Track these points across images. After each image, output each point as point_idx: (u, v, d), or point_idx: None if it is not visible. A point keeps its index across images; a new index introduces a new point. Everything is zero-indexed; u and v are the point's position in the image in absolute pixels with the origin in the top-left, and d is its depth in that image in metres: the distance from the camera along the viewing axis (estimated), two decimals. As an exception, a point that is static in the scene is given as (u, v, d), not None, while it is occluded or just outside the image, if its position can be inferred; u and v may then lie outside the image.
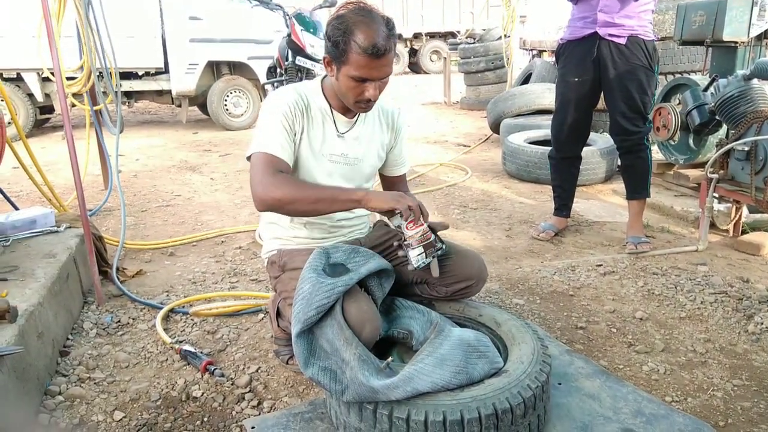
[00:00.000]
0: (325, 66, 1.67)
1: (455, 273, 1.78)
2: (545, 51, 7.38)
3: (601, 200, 3.97)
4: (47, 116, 7.19)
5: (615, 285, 2.61)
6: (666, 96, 3.85)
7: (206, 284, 2.68)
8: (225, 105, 7.14)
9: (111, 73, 3.50)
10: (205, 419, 1.71)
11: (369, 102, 1.66)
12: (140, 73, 6.90)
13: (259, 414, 1.71)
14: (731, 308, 2.34)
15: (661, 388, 1.84)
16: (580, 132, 3.13)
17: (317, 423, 1.55)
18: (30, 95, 6.47)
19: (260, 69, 7.02)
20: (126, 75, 6.67)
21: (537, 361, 1.48)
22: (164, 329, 2.20)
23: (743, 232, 3.15)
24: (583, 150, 3.28)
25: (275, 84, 6.11)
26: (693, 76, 3.95)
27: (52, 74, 3.72)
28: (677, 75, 5.22)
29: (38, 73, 6.28)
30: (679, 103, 3.61)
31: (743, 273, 2.69)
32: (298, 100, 1.70)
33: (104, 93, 3.80)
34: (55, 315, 2.04)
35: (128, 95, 7.01)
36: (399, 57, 15.40)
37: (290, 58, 5.78)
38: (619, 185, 3.19)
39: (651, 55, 2.84)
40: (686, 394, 1.81)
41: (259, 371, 1.95)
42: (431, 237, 1.63)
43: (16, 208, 2.80)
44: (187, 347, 2.03)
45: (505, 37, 7.81)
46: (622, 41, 2.80)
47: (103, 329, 2.24)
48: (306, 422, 1.56)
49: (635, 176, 3.04)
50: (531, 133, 4.83)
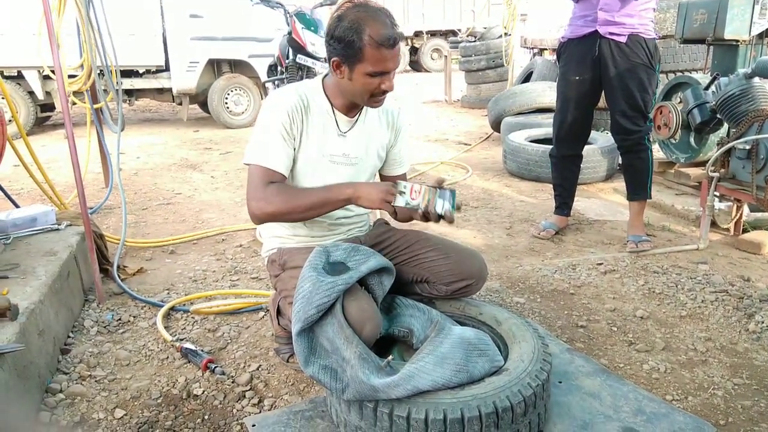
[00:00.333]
0: (334, 69, 1.65)
1: (456, 271, 1.78)
2: (546, 49, 7.36)
3: (602, 199, 3.97)
4: (48, 114, 7.18)
5: (616, 283, 2.61)
6: (667, 94, 3.85)
7: (207, 282, 2.68)
8: (226, 103, 7.13)
9: (111, 71, 3.50)
10: (206, 417, 1.71)
11: (384, 94, 1.67)
12: (141, 71, 6.90)
13: (260, 412, 1.71)
14: (732, 307, 2.34)
15: (662, 387, 1.84)
16: (581, 131, 3.13)
17: (318, 421, 1.56)
18: (31, 93, 6.47)
19: (261, 67, 7.01)
20: (127, 73, 6.67)
21: (537, 360, 1.48)
22: (165, 327, 2.21)
23: (744, 231, 3.15)
24: (584, 148, 3.28)
25: (276, 82, 6.10)
26: (694, 75, 3.95)
27: (53, 72, 3.72)
28: (678, 73, 5.21)
29: (39, 71, 6.28)
30: (680, 102, 3.61)
31: (744, 272, 2.69)
32: (298, 102, 1.70)
33: (105, 91, 3.80)
34: (56, 313, 2.04)
35: (129, 93, 7.01)
36: (400, 55, 15.40)
37: (291, 56, 5.77)
38: (620, 184, 3.20)
39: (652, 54, 2.83)
40: (687, 393, 1.81)
41: (260, 369, 1.95)
42: (435, 186, 1.58)
43: (17, 206, 2.80)
44: (188, 345, 2.03)
45: (506, 36, 7.81)
46: (623, 40, 2.79)
47: (104, 327, 2.24)
48: (306, 420, 1.56)
49: (635, 177, 3.03)
50: (532, 132, 4.83)
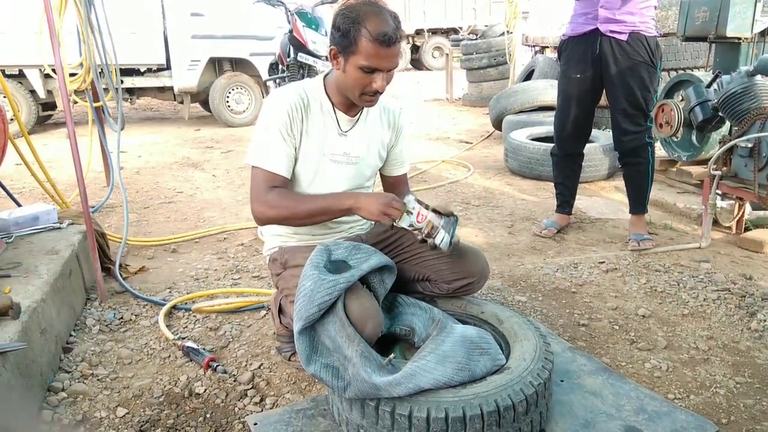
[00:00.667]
0: (331, 59, 1.65)
1: (457, 270, 1.78)
2: (548, 47, 7.33)
3: (604, 197, 3.97)
4: (49, 113, 7.19)
5: (617, 282, 2.61)
6: (669, 92, 3.84)
7: (209, 281, 2.68)
8: (227, 101, 7.13)
9: (112, 70, 3.50)
10: (208, 416, 1.71)
11: (376, 94, 1.65)
12: (142, 70, 6.89)
13: (262, 410, 1.72)
14: (734, 305, 2.34)
15: (664, 386, 1.84)
16: (582, 129, 3.12)
17: (319, 419, 1.56)
18: (32, 92, 6.47)
19: (262, 65, 7.01)
20: (128, 71, 6.66)
21: (539, 358, 1.48)
22: (167, 326, 2.21)
23: (746, 229, 3.14)
24: (586, 147, 3.27)
25: (277, 80, 6.09)
26: (696, 73, 3.94)
27: (54, 71, 3.72)
28: (680, 71, 5.20)
29: (40, 70, 6.28)
30: (682, 100, 3.60)
31: (746, 270, 2.68)
32: (298, 101, 1.69)
33: (105, 90, 3.80)
34: (58, 311, 2.04)
35: (130, 92, 7.01)
36: (401, 53, 15.38)
37: (292, 55, 5.76)
38: (622, 182, 3.18)
39: (653, 52, 2.82)
40: (689, 392, 1.81)
41: (262, 368, 1.95)
42: (441, 218, 1.64)
43: (19, 205, 2.80)
44: (190, 344, 2.03)
45: (508, 34, 7.79)
46: (624, 37, 2.79)
47: (106, 326, 2.24)
48: (308, 419, 1.56)
49: (636, 188, 3.03)
50: (533, 130, 4.82)
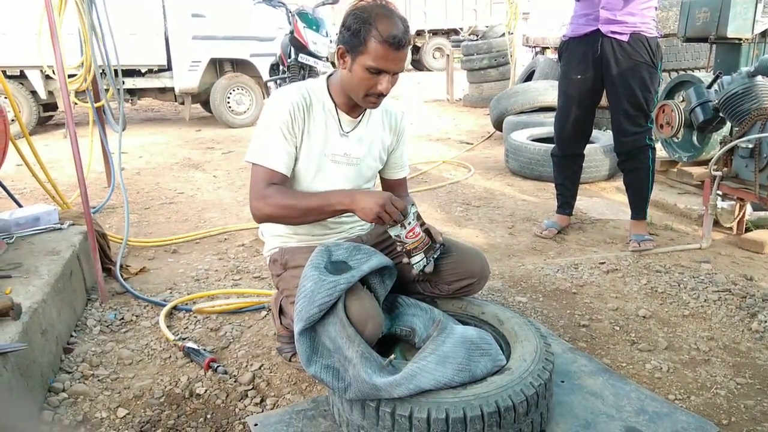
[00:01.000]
0: (338, 57, 1.65)
1: (457, 271, 1.78)
2: (548, 48, 7.33)
3: (604, 198, 3.97)
4: (50, 113, 7.20)
5: (618, 283, 2.60)
6: (670, 93, 3.84)
7: (209, 282, 2.68)
8: (228, 102, 7.13)
9: (113, 71, 3.50)
10: (209, 416, 1.71)
11: (380, 96, 1.65)
12: (143, 71, 6.90)
13: (262, 411, 1.72)
14: (735, 306, 2.34)
15: (664, 386, 1.84)
16: (583, 129, 3.12)
17: (320, 420, 1.56)
18: (33, 92, 6.48)
19: (263, 66, 7.01)
20: (129, 72, 6.66)
21: (540, 359, 1.48)
22: (167, 326, 2.21)
23: (747, 230, 3.14)
24: (587, 147, 3.27)
25: (278, 81, 6.10)
26: (697, 73, 3.94)
27: (54, 72, 3.72)
28: (681, 72, 5.20)
29: (41, 71, 6.28)
30: (683, 101, 3.60)
31: (747, 271, 2.68)
32: (300, 101, 1.70)
33: (106, 90, 3.80)
34: (59, 312, 2.05)
35: (131, 93, 7.01)
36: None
37: (293, 56, 5.77)
38: (623, 183, 3.18)
39: (654, 52, 2.82)
40: (689, 392, 1.80)
41: (262, 368, 1.95)
42: (429, 242, 1.68)
43: (20, 206, 2.81)
44: (191, 344, 2.03)
45: (508, 34, 7.79)
46: (625, 38, 2.79)
47: (107, 326, 2.25)
48: (309, 419, 1.56)
49: (636, 193, 3.03)
50: (534, 131, 4.82)
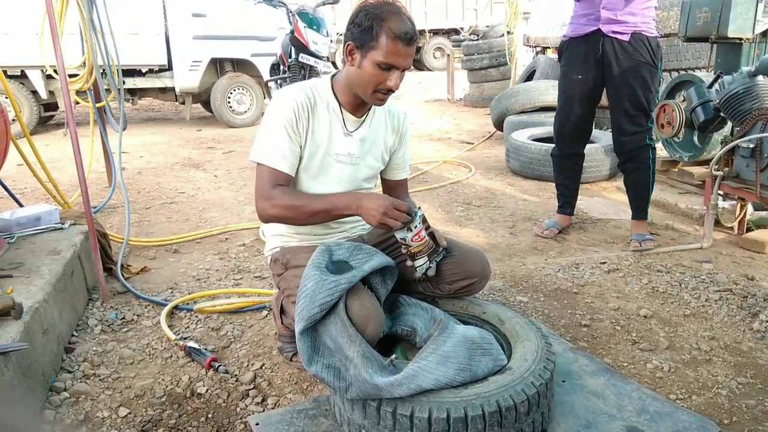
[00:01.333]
0: (346, 55, 1.65)
1: (458, 270, 1.78)
2: (549, 48, 7.32)
3: (605, 197, 3.96)
4: (51, 113, 7.20)
5: (619, 282, 2.60)
6: (670, 93, 3.83)
7: (210, 281, 2.68)
8: (228, 102, 7.14)
9: (113, 70, 3.50)
10: (210, 415, 1.71)
11: (389, 92, 1.66)
12: (144, 71, 6.90)
13: (264, 410, 1.72)
14: (736, 306, 2.33)
15: (666, 386, 1.84)
16: (583, 129, 3.12)
17: (321, 420, 1.56)
18: (34, 92, 6.48)
19: (264, 66, 7.01)
20: (129, 72, 6.67)
21: (541, 359, 1.48)
22: (168, 326, 2.21)
23: (748, 230, 3.14)
24: (587, 147, 3.27)
25: (278, 81, 6.10)
26: (697, 73, 3.93)
27: (55, 71, 3.72)
28: (682, 72, 5.20)
29: (42, 71, 6.29)
30: (684, 100, 3.59)
31: (748, 270, 2.68)
32: (304, 100, 1.70)
33: (107, 90, 3.81)
34: (60, 312, 2.05)
35: (132, 92, 7.02)
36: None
37: (293, 55, 5.76)
38: (623, 183, 3.18)
39: (654, 52, 2.82)
40: (691, 392, 1.80)
41: (263, 368, 1.95)
42: (433, 245, 1.69)
43: (21, 205, 2.81)
44: (192, 344, 2.03)
45: (509, 34, 7.78)
46: (626, 38, 2.78)
47: (108, 326, 2.25)
48: (310, 419, 1.56)
49: (636, 194, 3.03)
50: (535, 130, 4.81)
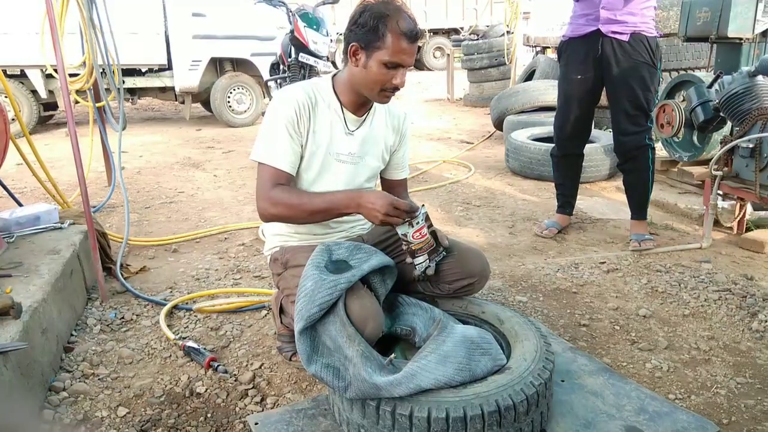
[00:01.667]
0: (350, 56, 1.65)
1: (458, 270, 1.78)
2: (549, 47, 7.33)
3: (605, 197, 3.96)
4: (51, 113, 7.20)
5: (618, 282, 2.60)
6: (670, 93, 3.83)
7: (209, 281, 2.68)
8: (228, 102, 7.14)
9: (113, 70, 3.50)
10: (209, 415, 1.71)
11: (394, 90, 1.67)
12: (143, 70, 6.90)
13: (263, 410, 1.72)
14: (735, 306, 2.33)
15: (665, 386, 1.84)
16: (582, 130, 3.13)
17: (320, 419, 1.56)
18: (34, 92, 6.48)
19: (263, 66, 7.01)
20: (129, 72, 6.67)
21: (540, 359, 1.48)
22: (168, 326, 2.21)
23: (747, 230, 3.14)
24: (587, 147, 3.27)
25: (278, 81, 6.10)
26: (697, 73, 3.94)
27: (56, 71, 3.72)
28: (681, 72, 5.20)
29: (42, 70, 6.28)
30: (683, 100, 3.59)
31: (747, 270, 2.68)
32: (306, 99, 1.70)
33: (107, 90, 3.81)
34: (59, 311, 2.05)
35: (131, 92, 7.02)
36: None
37: (293, 55, 5.76)
38: (623, 183, 3.18)
39: (654, 52, 2.82)
40: (690, 392, 1.81)
41: (263, 368, 1.95)
42: (434, 244, 1.70)
43: (20, 205, 2.81)
44: (191, 343, 2.03)
45: (509, 34, 7.79)
46: (625, 38, 2.78)
47: (107, 325, 2.25)
48: (309, 418, 1.56)
49: (636, 195, 3.03)
50: (534, 130, 4.81)
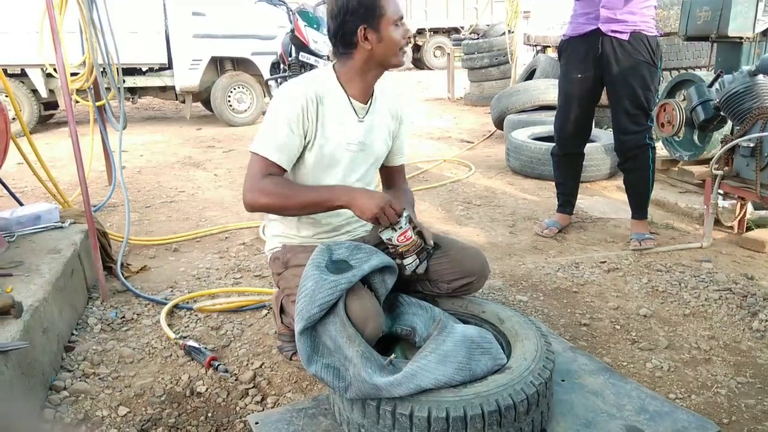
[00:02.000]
0: (362, 40, 1.67)
1: (457, 269, 1.78)
2: (549, 46, 7.31)
3: (605, 197, 3.96)
4: (51, 112, 7.20)
5: (619, 282, 2.60)
6: (671, 92, 3.83)
7: (210, 280, 2.68)
8: (228, 101, 7.13)
9: (114, 69, 3.50)
10: (209, 414, 1.71)
11: (408, 43, 1.72)
12: (144, 69, 6.90)
13: (263, 410, 1.72)
14: (735, 305, 2.33)
15: (665, 385, 1.84)
16: (583, 129, 3.12)
17: (321, 419, 1.56)
18: (34, 91, 6.48)
19: (264, 65, 7.01)
20: (129, 71, 6.67)
21: (540, 358, 1.48)
22: (168, 325, 2.21)
23: (748, 229, 3.14)
24: (588, 146, 3.27)
25: (279, 80, 6.10)
26: (698, 72, 3.93)
27: (56, 70, 3.72)
28: (682, 71, 5.19)
29: (42, 69, 6.28)
30: (684, 99, 3.59)
31: (748, 270, 2.68)
32: (312, 95, 1.69)
33: (107, 89, 3.81)
34: (60, 311, 2.05)
35: (132, 91, 7.01)
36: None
37: (293, 54, 5.78)
38: (623, 182, 3.18)
39: (654, 51, 2.82)
40: (690, 392, 1.81)
41: (263, 367, 1.95)
42: (421, 243, 1.70)
43: (21, 204, 2.81)
44: (192, 343, 2.03)
45: (509, 33, 7.78)
46: (625, 37, 2.78)
47: (108, 325, 2.25)
48: (309, 418, 1.56)
49: (636, 194, 3.03)
50: (535, 129, 4.81)
